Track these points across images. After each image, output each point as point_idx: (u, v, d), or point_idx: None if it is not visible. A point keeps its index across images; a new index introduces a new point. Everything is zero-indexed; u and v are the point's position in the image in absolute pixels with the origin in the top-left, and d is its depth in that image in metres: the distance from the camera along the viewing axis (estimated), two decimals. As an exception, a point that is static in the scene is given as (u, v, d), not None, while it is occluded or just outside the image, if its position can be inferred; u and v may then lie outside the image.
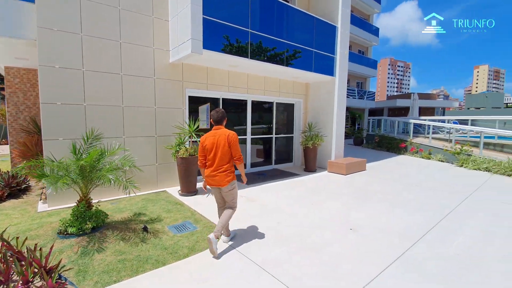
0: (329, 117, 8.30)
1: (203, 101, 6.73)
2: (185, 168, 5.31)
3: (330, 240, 3.55)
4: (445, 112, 33.49)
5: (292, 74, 7.52)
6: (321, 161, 8.53)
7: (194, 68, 6.21)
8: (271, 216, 4.39)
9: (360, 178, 7.25)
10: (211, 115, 3.40)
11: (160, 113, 5.75)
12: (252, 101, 7.71)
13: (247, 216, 4.35)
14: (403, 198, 5.41)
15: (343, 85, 8.26)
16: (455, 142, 10.35)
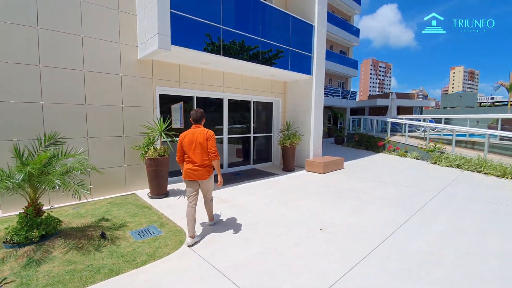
0: (307, 116, 8.27)
1: (176, 100, 6.49)
2: (154, 169, 5.07)
3: (299, 241, 3.46)
4: (422, 111, 34.67)
5: (269, 73, 7.42)
6: (300, 160, 8.50)
7: (165, 65, 5.97)
8: (243, 218, 4.25)
9: (337, 176, 7.26)
10: (190, 114, 3.64)
11: (128, 112, 5.47)
12: (228, 99, 7.54)
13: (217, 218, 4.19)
14: (376, 196, 5.43)
15: (321, 84, 8.25)
16: (429, 140, 10.64)
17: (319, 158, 8.14)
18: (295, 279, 2.64)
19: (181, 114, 6.56)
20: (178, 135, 6.40)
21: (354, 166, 8.75)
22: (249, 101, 8.16)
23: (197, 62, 6.06)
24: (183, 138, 3.52)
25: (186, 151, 3.50)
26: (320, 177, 7.15)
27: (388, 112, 17.68)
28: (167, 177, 5.33)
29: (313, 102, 8.08)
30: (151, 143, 5.24)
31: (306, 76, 8.00)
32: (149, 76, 5.73)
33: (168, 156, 5.31)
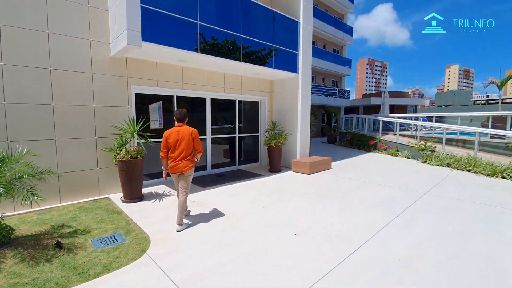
0: (294, 115, 8.07)
1: (155, 99, 6.24)
2: (126, 172, 4.82)
3: (272, 247, 3.24)
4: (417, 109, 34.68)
5: (253, 71, 7.20)
6: (287, 161, 8.29)
7: (141, 62, 5.72)
8: (216, 223, 4.03)
9: (323, 177, 7.06)
10: (174, 114, 3.94)
11: (101, 112, 5.22)
12: (211, 99, 7.31)
13: (190, 223, 3.96)
14: (360, 197, 5.23)
15: (307, 82, 8.05)
16: (419, 139, 10.48)
17: (306, 158, 7.93)
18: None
19: (160, 114, 6.31)
20: (155, 136, 6.24)
21: (343, 166, 8.56)
22: (234, 100, 7.93)
23: (175, 59, 5.82)
24: (169, 135, 3.82)
25: (171, 147, 3.81)
26: (306, 178, 6.95)
27: (381, 110, 17.54)
28: (141, 180, 5.09)
29: (300, 100, 7.87)
30: (124, 145, 4.99)
31: (292, 74, 7.79)
32: (123, 75, 5.48)
33: (142, 158, 5.06)
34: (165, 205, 4.78)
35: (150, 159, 6.32)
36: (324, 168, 7.89)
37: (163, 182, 6.36)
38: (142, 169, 5.09)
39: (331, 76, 25.77)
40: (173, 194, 5.49)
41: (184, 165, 3.77)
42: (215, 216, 4.30)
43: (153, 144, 5.66)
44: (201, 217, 4.24)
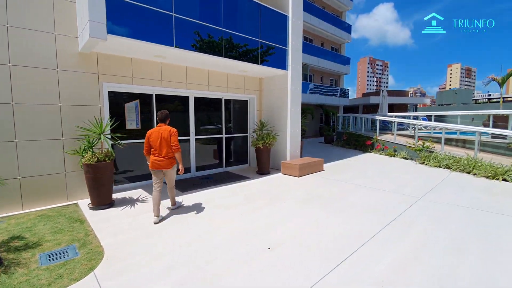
0: (283, 114, 7.66)
1: (133, 98, 5.86)
2: (92, 177, 4.44)
3: (236, 266, 2.85)
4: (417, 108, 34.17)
5: (238, 68, 6.81)
6: (276, 162, 7.89)
7: (114, 58, 5.34)
8: (185, 234, 3.64)
9: (313, 180, 6.65)
10: (157, 115, 4.27)
11: (68, 112, 4.84)
12: (195, 97, 6.92)
13: (151, 234, 3.58)
14: (349, 203, 4.83)
15: (297, 80, 7.64)
16: (417, 139, 10.05)
17: (296, 160, 7.53)
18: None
19: (137, 114, 5.93)
20: (131, 137, 5.86)
21: (337, 168, 8.15)
22: (220, 99, 7.54)
23: (151, 55, 5.44)
24: (150, 135, 4.14)
25: (152, 146, 4.12)
26: (295, 181, 6.54)
27: (379, 109, 17.10)
28: (110, 185, 4.71)
29: (289, 99, 7.47)
30: (91, 147, 4.61)
31: (281, 71, 7.38)
32: (93, 71, 5.10)
33: (112, 161, 4.68)
34: (135, 213, 4.40)
35: (129, 161, 5.94)
36: (315, 170, 7.49)
37: (141, 186, 5.98)
38: (111, 173, 4.71)
39: (330, 74, 25.32)
40: (148, 199, 5.11)
41: (167, 163, 4.14)
42: (185, 226, 3.91)
43: (122, 146, 5.26)
44: (170, 228, 3.86)
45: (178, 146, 4.12)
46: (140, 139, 6.04)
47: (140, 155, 6.12)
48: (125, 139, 5.77)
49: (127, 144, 5.84)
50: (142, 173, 6.16)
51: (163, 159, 4.08)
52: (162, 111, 4.26)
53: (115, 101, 5.64)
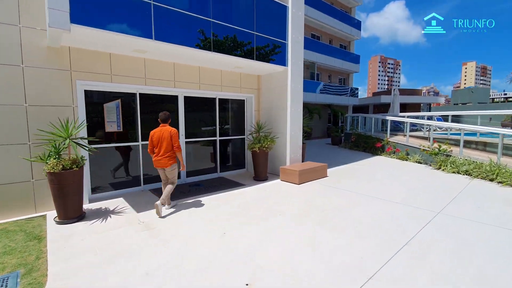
0: (283, 115, 7.00)
1: (114, 97, 5.34)
2: (57, 186, 3.91)
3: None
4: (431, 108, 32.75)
5: (231, 64, 6.19)
6: (276, 167, 7.24)
7: (89, 54, 4.81)
8: (150, 259, 3.04)
9: (314, 188, 5.96)
10: (159, 115, 4.45)
11: (36, 113, 4.34)
12: (185, 97, 6.34)
13: (111, 259, 2.99)
14: (352, 219, 4.13)
15: (298, 77, 6.96)
16: (433, 141, 9.18)
17: (296, 165, 6.85)
18: None
19: (119, 115, 5.40)
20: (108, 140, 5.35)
21: (342, 173, 7.42)
22: (213, 98, 6.94)
23: (129, 49, 4.89)
24: (153, 135, 4.40)
25: (155, 145, 4.38)
26: (294, 189, 5.87)
27: (390, 109, 16.15)
28: (79, 195, 4.17)
29: (289, 97, 6.80)
30: (58, 153, 4.08)
31: (280, 67, 6.72)
32: (65, 68, 4.58)
33: (81, 168, 4.14)
34: (104, 228, 3.84)
35: (109, 167, 5.42)
36: (318, 176, 6.79)
37: (122, 194, 5.45)
38: (80, 182, 4.17)
39: (338, 73, 24.42)
40: (127, 210, 4.56)
41: (166, 162, 4.35)
42: (154, 249, 3.31)
43: (93, 153, 4.72)
44: (135, 250, 3.27)
45: (179, 145, 4.37)
46: (122, 142, 5.52)
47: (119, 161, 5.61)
48: (104, 143, 5.27)
49: (107, 148, 5.32)
50: (124, 179, 5.63)
51: (162, 158, 4.33)
52: (164, 112, 4.49)
53: (92, 102, 5.13)
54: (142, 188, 5.81)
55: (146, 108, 5.79)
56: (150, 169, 5.97)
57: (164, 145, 4.29)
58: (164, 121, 4.45)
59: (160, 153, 4.32)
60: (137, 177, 5.76)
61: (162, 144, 4.29)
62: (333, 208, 4.62)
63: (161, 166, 4.39)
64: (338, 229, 3.76)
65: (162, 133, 4.31)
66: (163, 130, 4.34)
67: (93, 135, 5.13)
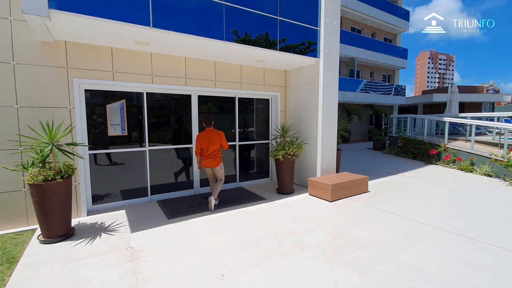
0: (313, 116, 5.88)
1: (119, 97, 4.79)
2: (38, 200, 3.36)
3: None
4: (494, 107, 28.19)
5: (251, 56, 5.27)
6: (304, 177, 6.15)
7: (88, 49, 4.28)
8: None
9: (351, 208, 4.74)
10: (203, 120, 4.70)
11: (29, 116, 3.90)
12: (198, 96, 5.60)
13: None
14: (405, 263, 2.90)
15: (332, 70, 5.78)
16: (508, 149, 7.21)
17: (329, 177, 5.67)
18: None
19: (123, 117, 4.82)
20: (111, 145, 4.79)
21: (387, 188, 6.03)
22: (232, 97, 6.09)
23: (129, 41, 4.25)
24: (200, 137, 4.63)
25: (202, 147, 4.59)
26: (325, 208, 4.73)
27: (447, 109, 13.77)
28: (66, 212, 3.59)
29: (321, 95, 5.66)
30: (43, 161, 3.55)
31: (310, 59, 5.63)
32: (61, 65, 4.09)
33: (68, 179, 3.57)
34: (84, 255, 3.18)
35: (114, 175, 4.88)
36: (356, 191, 5.53)
37: (126, 206, 4.87)
38: (67, 195, 3.59)
39: (382, 69, 22.08)
40: (121, 229, 3.91)
41: (214, 162, 4.65)
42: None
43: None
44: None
45: (227, 146, 4.73)
46: (127, 147, 4.94)
47: (129, 168, 5.04)
48: (107, 148, 4.73)
49: (111, 154, 4.78)
50: (129, 187, 5.05)
51: (210, 159, 4.60)
52: (207, 115, 4.69)
53: (92, 102, 4.62)
54: (149, 199, 5.18)
55: (155, 109, 5.17)
56: (158, 178, 5.33)
57: (213, 147, 4.53)
58: (209, 125, 4.65)
59: (209, 154, 4.54)
60: (143, 187, 5.15)
61: (210, 146, 4.51)
62: (377, 245, 3.41)
63: (210, 166, 4.63)
64: (384, 284, 2.58)
65: (210, 135, 4.54)
66: (209, 133, 4.55)
67: (96, 140, 4.62)
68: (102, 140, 4.75)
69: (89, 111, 4.55)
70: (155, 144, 5.22)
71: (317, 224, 4.04)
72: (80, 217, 4.36)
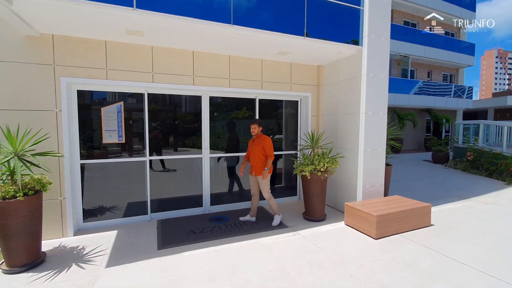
0: (353, 121, 4.57)
1: (116, 98, 4.17)
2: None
3: None
4: None
5: (270, 47, 4.23)
6: (340, 200, 4.84)
7: (79, 43, 3.71)
8: None
9: (404, 254, 3.31)
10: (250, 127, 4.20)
11: (9, 120, 3.41)
12: (210, 97, 4.73)
13: None
14: None
15: (380, 62, 4.42)
16: None
17: (375, 202, 4.27)
18: None
19: (121, 122, 4.17)
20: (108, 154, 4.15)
21: (459, 221, 4.38)
22: (252, 99, 5.10)
23: (119, 32, 3.54)
24: (250, 143, 4.32)
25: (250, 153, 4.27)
26: (367, 251, 3.40)
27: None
28: (32, 236, 2.94)
29: (364, 95, 4.34)
30: (12, 174, 2.96)
31: (349, 48, 4.37)
32: (47, 62, 3.57)
33: (35, 197, 2.92)
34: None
35: (109, 189, 4.24)
36: (413, 225, 4.03)
37: (123, 224, 4.17)
38: (35, 217, 2.95)
39: (441, 68, 19.06)
40: (97, 259, 3.15)
41: (256, 171, 4.16)
42: None
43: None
44: None
45: (271, 154, 4.12)
46: (126, 157, 4.27)
47: (125, 181, 4.36)
48: (101, 158, 4.10)
49: (104, 163, 4.14)
50: (132, 200, 4.36)
51: (254, 166, 4.18)
52: (256, 119, 4.23)
53: (84, 104, 4.05)
54: (149, 218, 4.43)
55: (156, 113, 4.45)
56: (161, 192, 4.57)
57: (256, 154, 4.13)
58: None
59: (253, 161, 4.18)
60: (143, 203, 4.41)
61: (255, 152, 4.15)
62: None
63: (255, 173, 4.21)
64: None
65: (256, 141, 4.18)
66: (256, 138, 4.20)
67: (87, 148, 4.03)
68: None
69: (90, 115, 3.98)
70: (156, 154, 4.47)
71: (352, 279, 2.76)
72: (65, 237, 3.76)
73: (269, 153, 4.10)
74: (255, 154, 4.13)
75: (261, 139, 4.14)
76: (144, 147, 4.32)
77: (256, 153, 4.12)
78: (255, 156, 4.13)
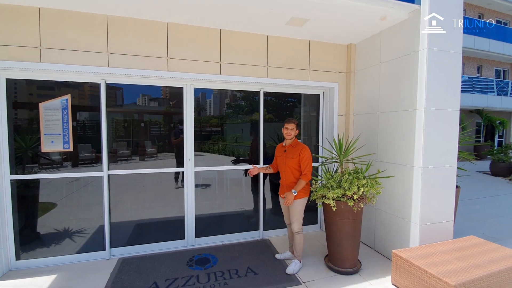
0: (404, 123, 3.00)
1: (63, 90, 3.02)
2: None
3: None
4: None
5: (283, 7, 2.84)
6: (385, 238, 3.27)
7: (6, 12, 2.60)
8: None
9: None
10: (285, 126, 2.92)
11: None
12: (195, 89, 3.44)
13: None
14: None
15: (450, 33, 2.83)
16: None
17: (441, 249, 2.66)
18: None
19: (67, 123, 2.99)
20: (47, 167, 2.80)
21: None
22: (256, 91, 3.72)
23: None
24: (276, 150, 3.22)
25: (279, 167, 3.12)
26: None
27: None
28: None
29: (425, 82, 2.77)
30: None
31: (399, 10, 2.85)
32: (-51, 36, 2.49)
33: None
34: None
35: (52, 216, 3.10)
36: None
37: (68, 265, 2.98)
38: None
39: (494, 63, 16.33)
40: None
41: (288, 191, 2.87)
42: None
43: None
44: None
45: (308, 173, 2.81)
46: (73, 171, 3.10)
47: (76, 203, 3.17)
48: (40, 172, 2.98)
49: (46, 180, 3.00)
50: (81, 232, 3.18)
51: (285, 186, 2.96)
52: (292, 118, 2.92)
53: (24, 99, 2.94)
54: (107, 255, 3.20)
55: (119, 111, 3.24)
56: (129, 215, 3.34)
57: (290, 168, 2.91)
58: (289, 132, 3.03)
59: (285, 179, 2.96)
60: (99, 234, 3.20)
61: (286, 167, 2.93)
62: None
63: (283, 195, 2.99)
64: None
65: (287, 150, 2.94)
66: (288, 147, 2.95)
67: (19, 159, 2.91)
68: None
69: (28, 114, 2.87)
70: (117, 166, 3.26)
71: None
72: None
73: (305, 170, 2.84)
74: (288, 169, 2.91)
75: (297, 149, 2.90)
76: (101, 157, 3.12)
77: (290, 168, 2.89)
78: (287, 172, 2.92)
